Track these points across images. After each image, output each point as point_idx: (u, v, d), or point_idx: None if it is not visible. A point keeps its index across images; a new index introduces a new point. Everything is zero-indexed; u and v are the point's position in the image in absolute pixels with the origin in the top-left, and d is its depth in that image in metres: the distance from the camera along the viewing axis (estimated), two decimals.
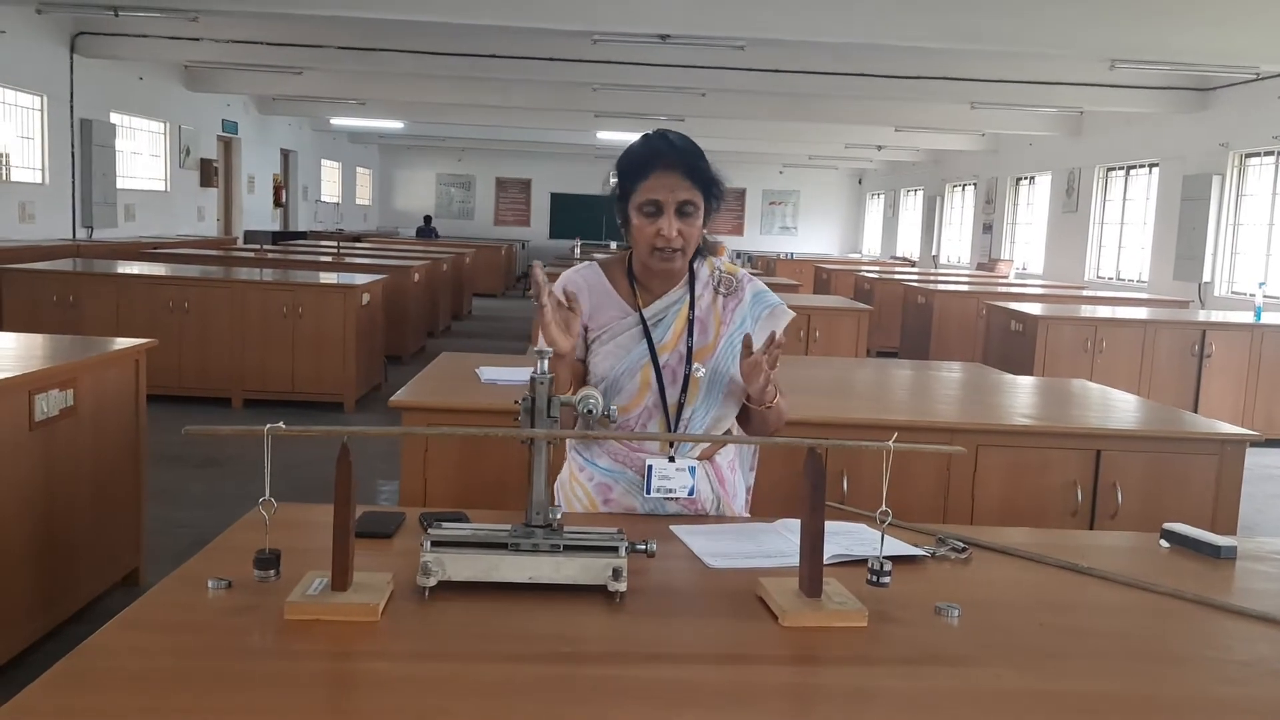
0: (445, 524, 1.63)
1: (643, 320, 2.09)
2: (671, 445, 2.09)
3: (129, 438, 3.71)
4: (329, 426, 1.52)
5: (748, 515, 2.21)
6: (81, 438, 3.37)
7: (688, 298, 2.12)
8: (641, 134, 2.08)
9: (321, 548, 1.51)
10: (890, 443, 1.53)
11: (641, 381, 2.07)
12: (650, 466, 2.06)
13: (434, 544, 1.55)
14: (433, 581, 1.53)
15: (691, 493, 2.07)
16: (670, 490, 2.06)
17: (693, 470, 2.07)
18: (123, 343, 3.72)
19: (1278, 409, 7.46)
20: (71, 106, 11.57)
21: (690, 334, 2.10)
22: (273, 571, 1.55)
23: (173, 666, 1.29)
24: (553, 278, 2.08)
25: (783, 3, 7.79)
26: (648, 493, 2.06)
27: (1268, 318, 7.85)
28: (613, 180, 2.07)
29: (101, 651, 1.32)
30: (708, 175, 2.02)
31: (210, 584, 1.52)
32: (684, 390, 2.08)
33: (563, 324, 1.92)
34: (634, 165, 2.02)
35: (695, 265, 2.15)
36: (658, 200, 1.98)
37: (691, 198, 1.99)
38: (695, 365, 2.08)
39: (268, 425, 1.46)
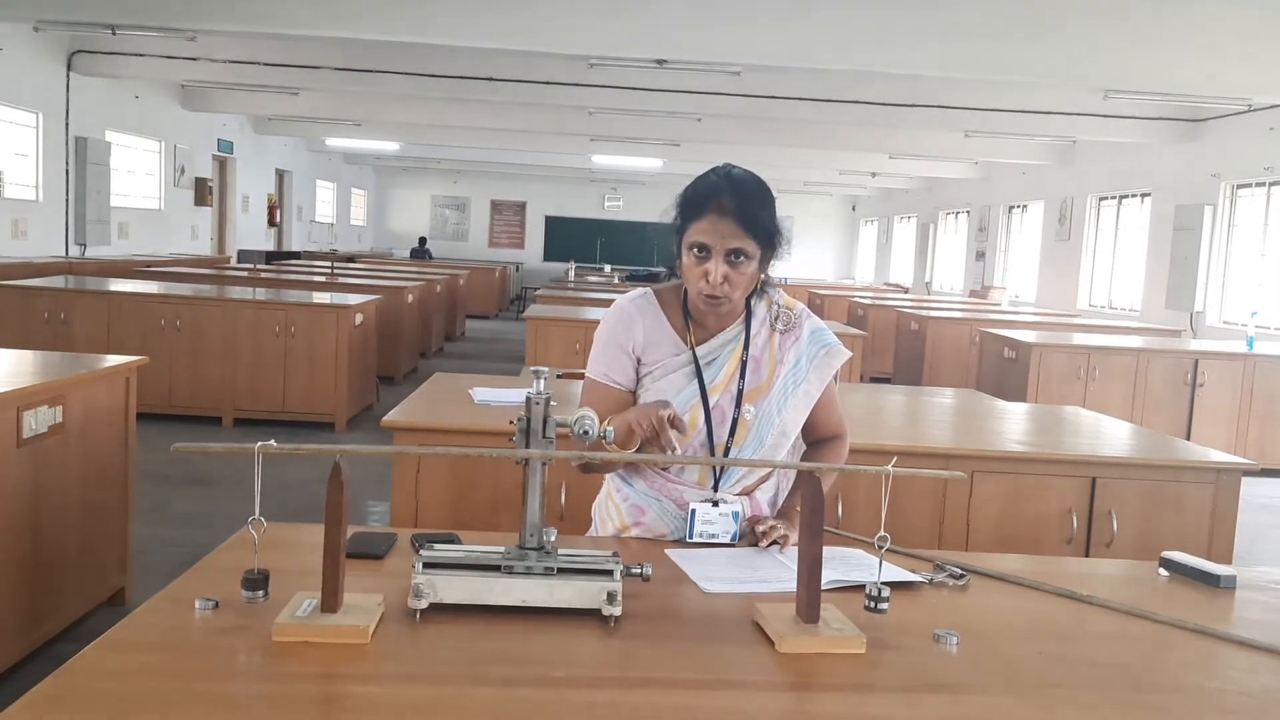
0: (437, 545, 1.61)
1: (695, 359, 2.04)
2: (715, 488, 2.05)
3: (118, 455, 3.68)
4: (320, 445, 1.50)
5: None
6: (70, 455, 3.33)
7: (743, 336, 2.06)
8: (710, 167, 2.00)
9: (311, 569, 1.48)
10: (889, 467, 1.51)
11: (689, 422, 2.01)
12: (694, 511, 2.00)
13: (426, 565, 1.53)
14: (424, 604, 1.50)
15: (734, 538, 2.01)
16: (713, 535, 2.00)
17: (736, 516, 2.01)
18: (113, 360, 3.69)
19: (1270, 438, 7.46)
20: (67, 124, 11.57)
21: (743, 375, 2.04)
22: (261, 592, 1.52)
23: (158, 688, 1.26)
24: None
25: (779, 29, 7.83)
26: (690, 537, 2.00)
27: (1260, 347, 7.87)
28: (673, 212, 2.00)
29: (85, 671, 1.29)
30: (765, 225, 1.93)
31: (197, 604, 1.49)
32: (732, 432, 2.03)
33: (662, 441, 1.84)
34: (690, 202, 1.95)
35: (752, 302, 2.09)
36: (706, 244, 1.91)
37: (742, 246, 1.91)
38: (746, 407, 2.04)
39: (258, 443, 1.44)
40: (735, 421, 2.03)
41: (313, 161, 21.53)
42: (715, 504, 2.02)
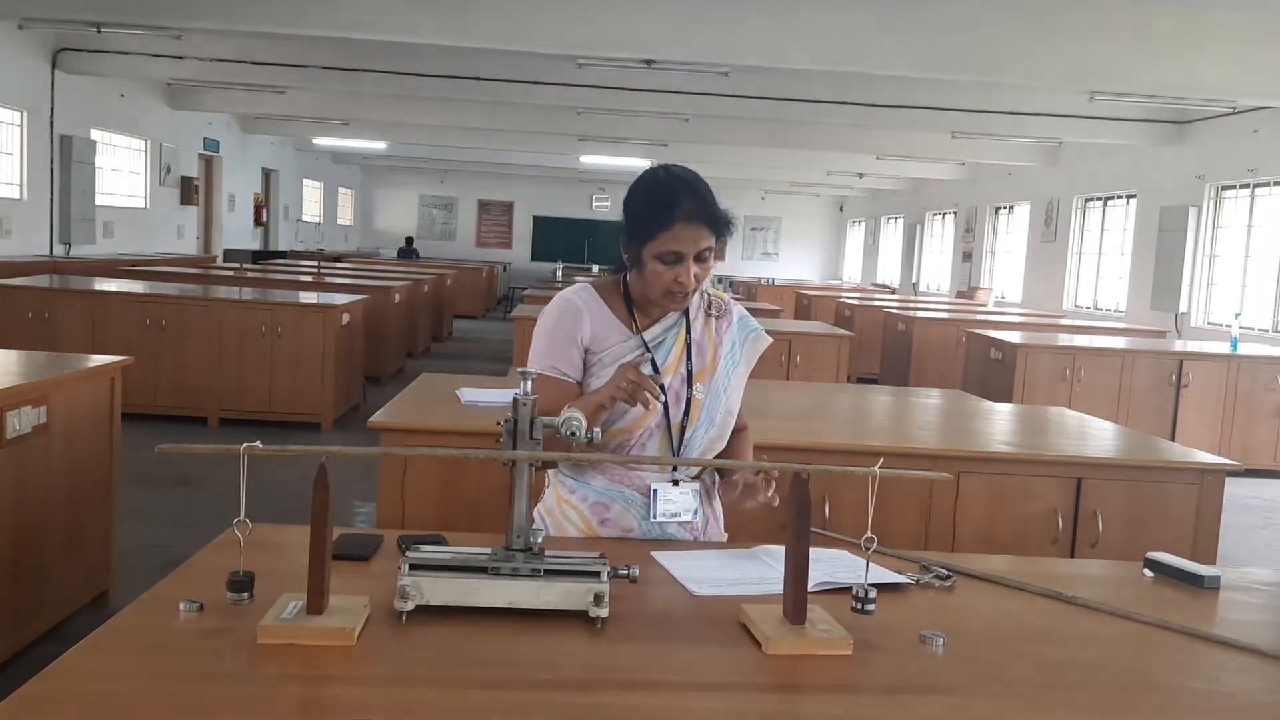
0: (423, 547, 1.60)
1: (645, 342, 2.11)
2: (675, 468, 2.10)
3: (102, 456, 3.66)
4: (306, 446, 1.50)
5: (726, 536, 2.22)
6: (54, 456, 3.31)
7: (684, 322, 2.15)
8: (648, 168, 2.08)
9: (297, 570, 1.48)
10: (876, 468, 1.51)
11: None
12: (655, 491, 2.07)
13: (412, 567, 1.52)
14: (410, 605, 1.50)
15: (695, 515, 2.10)
16: (675, 514, 2.08)
17: (695, 493, 2.10)
18: (98, 360, 3.67)
19: (1253, 439, 7.51)
20: (52, 122, 11.51)
21: (689, 356, 2.13)
22: (246, 594, 1.52)
23: (142, 690, 1.25)
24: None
25: (767, 30, 7.84)
26: (653, 518, 2.07)
27: (1244, 349, 7.92)
28: (624, 222, 2.07)
29: (68, 674, 1.28)
30: (723, 221, 2.05)
31: (182, 606, 1.48)
32: (686, 412, 2.10)
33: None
34: (655, 212, 2.00)
35: None
36: (680, 252, 1.99)
37: (710, 245, 2.03)
38: (697, 386, 2.11)
39: (243, 444, 1.43)
40: (689, 401, 2.10)
41: (299, 161, 21.46)
42: (675, 484, 2.09)
